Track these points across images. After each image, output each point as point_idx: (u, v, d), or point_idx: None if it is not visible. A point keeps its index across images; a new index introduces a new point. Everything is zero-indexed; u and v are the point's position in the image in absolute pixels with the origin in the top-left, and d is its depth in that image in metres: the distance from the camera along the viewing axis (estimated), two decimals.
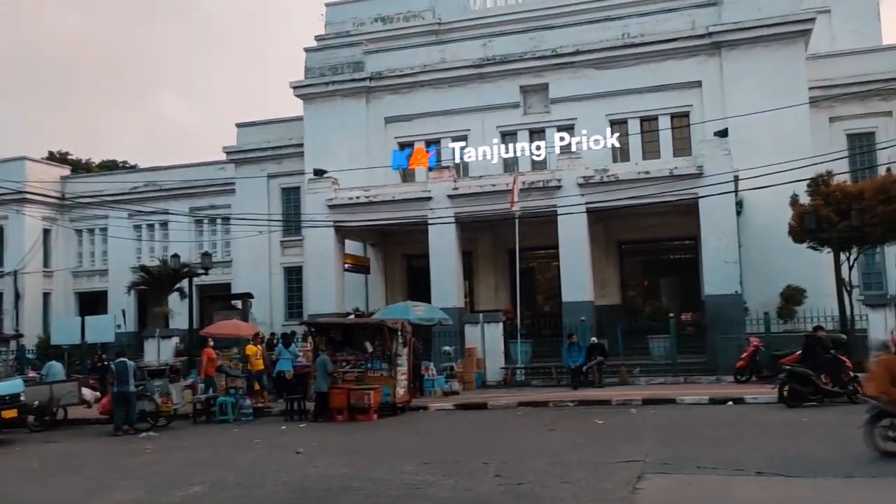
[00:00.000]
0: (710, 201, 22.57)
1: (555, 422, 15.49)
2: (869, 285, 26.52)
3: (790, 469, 9.80)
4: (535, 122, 28.96)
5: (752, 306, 23.25)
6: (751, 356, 20.01)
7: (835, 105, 27.50)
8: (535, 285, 30.24)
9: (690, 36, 27.08)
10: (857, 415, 14.39)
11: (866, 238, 21.20)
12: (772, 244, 23.91)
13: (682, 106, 27.48)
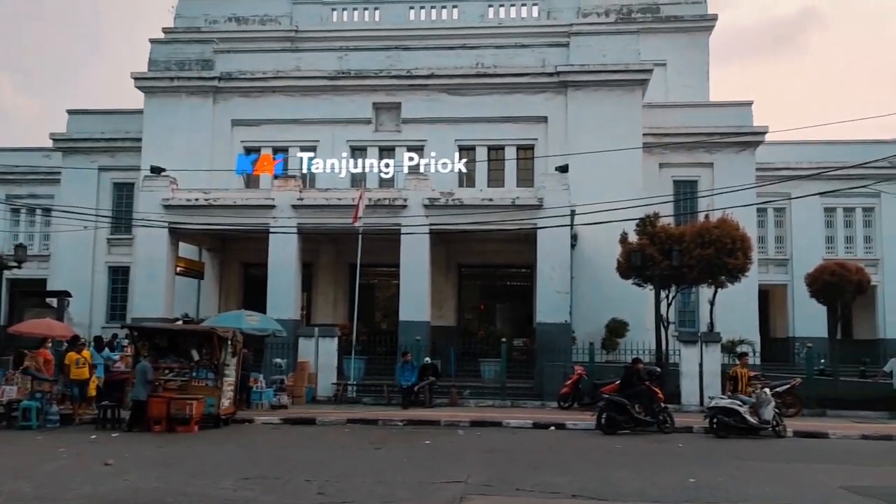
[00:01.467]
0: (547, 232, 23.48)
1: (382, 440, 15.40)
2: (684, 322, 28.46)
3: (603, 493, 10.22)
4: (386, 140, 29.07)
5: (580, 336, 24.28)
6: (575, 384, 20.86)
7: (665, 152, 29.48)
8: (374, 302, 30.19)
9: (540, 73, 28.18)
10: (665, 443, 15.42)
11: (684, 278, 22.70)
12: (601, 278, 25.15)
13: (529, 138, 28.49)
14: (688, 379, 20.99)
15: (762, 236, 33.74)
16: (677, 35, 34.34)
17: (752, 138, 29.55)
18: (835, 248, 34.66)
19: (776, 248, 35.06)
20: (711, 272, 22.28)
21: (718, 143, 29.41)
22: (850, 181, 31.35)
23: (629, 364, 18.11)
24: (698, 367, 20.96)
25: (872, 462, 13.58)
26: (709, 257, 21.79)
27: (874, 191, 32.20)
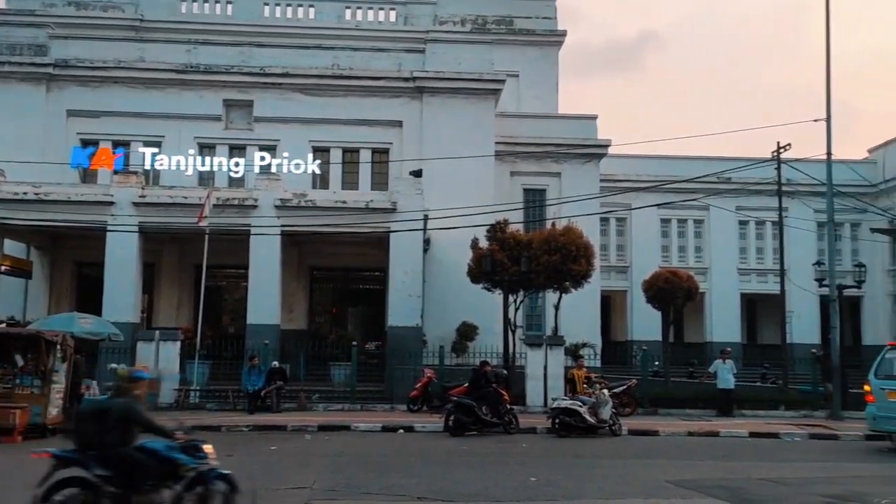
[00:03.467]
0: (400, 236, 23.57)
1: (227, 447, 14.84)
2: (531, 326, 29.36)
3: (448, 494, 10.31)
4: (237, 139, 28.23)
5: (431, 339, 24.50)
6: (424, 387, 21.03)
7: (516, 161, 30.33)
8: (221, 305, 29.26)
9: (396, 77, 28.28)
10: (510, 443, 15.80)
11: (531, 283, 23.40)
12: (453, 282, 25.49)
13: (384, 142, 28.51)
14: (533, 381, 21.65)
15: (605, 244, 35.45)
16: (529, 48, 35.49)
17: (596, 150, 30.95)
18: (670, 256, 36.93)
19: (617, 255, 36.94)
20: (557, 278, 23.09)
21: (566, 153, 30.61)
22: (684, 194, 33.48)
23: (477, 367, 18.44)
24: (543, 369, 21.67)
25: (697, 457, 14.51)
26: (555, 263, 22.57)
27: (704, 204, 34.63)
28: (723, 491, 10.77)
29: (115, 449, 7.45)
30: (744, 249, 37.84)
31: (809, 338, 33.28)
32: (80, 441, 7.53)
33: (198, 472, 7.77)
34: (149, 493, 7.54)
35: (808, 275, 28.60)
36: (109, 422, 7.49)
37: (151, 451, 7.66)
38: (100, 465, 7.37)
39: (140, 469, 7.49)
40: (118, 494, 7.38)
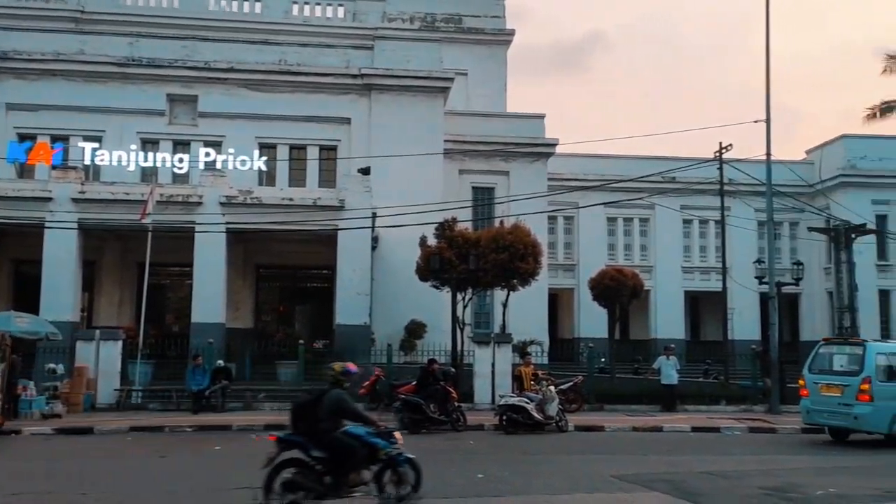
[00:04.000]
0: (348, 234, 23.44)
1: (168, 448, 14.61)
2: (479, 324, 29.48)
3: None
4: (181, 134, 27.73)
5: (379, 337, 24.43)
6: (372, 385, 20.87)
7: (465, 159, 30.45)
8: (165, 303, 28.74)
9: (344, 74, 28.10)
10: (458, 441, 15.83)
11: (479, 281, 23.49)
12: (401, 280, 25.43)
13: (332, 139, 28.31)
14: (481, 378, 21.72)
15: (552, 243, 35.74)
16: (478, 47, 35.61)
17: (544, 149, 31.22)
18: (616, 255, 37.46)
19: (565, 254, 37.32)
20: (505, 276, 23.22)
21: (514, 152, 30.82)
22: (630, 193, 34.01)
23: (425, 365, 18.43)
24: (491, 366, 21.73)
25: (641, 451, 14.74)
26: (503, 262, 22.69)
27: (650, 203, 35.22)
28: (665, 484, 10.96)
29: (328, 434, 8.65)
30: (688, 248, 38.55)
31: (750, 334, 34.12)
32: (297, 426, 8.77)
33: (390, 455, 8.91)
34: (354, 473, 8.75)
35: (749, 273, 29.28)
36: (323, 410, 8.69)
37: (356, 437, 8.81)
38: (316, 448, 8.60)
39: (349, 452, 8.66)
40: (333, 473, 8.60)
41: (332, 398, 8.81)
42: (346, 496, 8.73)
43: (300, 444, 8.67)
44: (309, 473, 8.64)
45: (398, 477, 8.97)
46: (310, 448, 8.66)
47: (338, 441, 8.68)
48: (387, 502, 8.86)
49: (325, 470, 8.64)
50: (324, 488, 8.58)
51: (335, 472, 8.66)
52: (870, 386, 15.50)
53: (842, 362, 16.57)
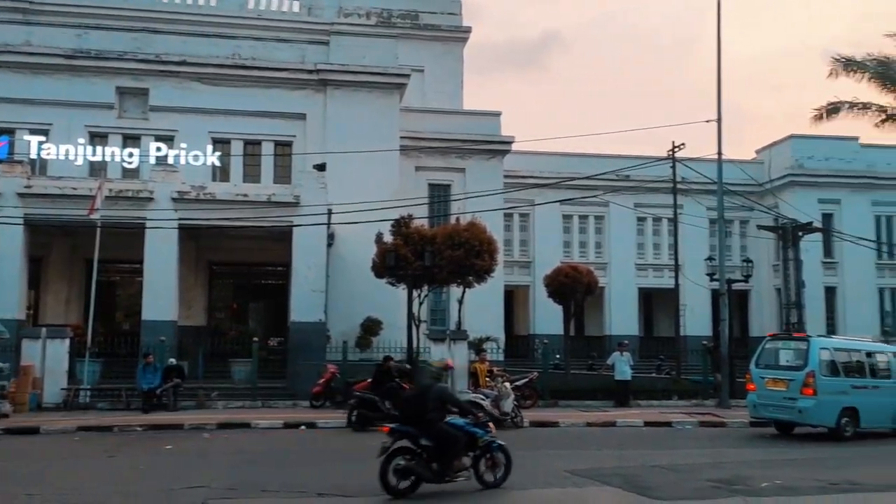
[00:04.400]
0: (303, 231, 23.24)
1: (118, 448, 14.34)
2: (435, 321, 29.48)
3: (350, 490, 10.24)
4: (131, 128, 27.13)
5: (335, 334, 24.28)
6: (327, 382, 20.80)
7: (421, 156, 30.39)
8: (115, 301, 28.19)
9: (300, 69, 27.80)
10: None
11: (435, 278, 23.48)
12: (357, 277, 25.28)
13: (287, 135, 27.97)
14: None
15: (509, 240, 35.94)
16: (434, 43, 35.54)
17: (500, 147, 31.32)
18: (571, 252, 37.79)
19: (521, 251, 37.54)
20: (461, 272, 23.25)
21: (470, 149, 30.86)
22: (585, 191, 34.38)
23: (381, 362, 18.39)
24: None
25: (595, 446, 14.92)
26: (459, 258, 22.71)
27: (604, 201, 35.62)
28: (618, 478, 11.11)
29: (434, 424, 9.74)
30: (641, 245, 39.08)
31: (702, 330, 34.74)
32: (405, 417, 9.88)
33: (486, 442, 10.15)
34: (457, 459, 9.93)
35: (701, 270, 29.82)
36: (429, 402, 9.84)
37: (458, 426, 9.99)
38: (424, 437, 9.64)
39: (453, 440, 9.82)
40: (439, 460, 9.70)
41: (436, 391, 10.09)
42: (451, 480, 9.83)
43: (410, 434, 9.68)
44: (419, 460, 9.69)
45: (493, 462, 10.19)
46: (420, 437, 9.67)
47: (443, 431, 9.78)
48: (485, 486, 10.08)
49: (431, 457, 9.68)
50: (432, 474, 9.69)
51: (441, 458, 9.74)
52: (813, 380, 15.91)
53: (787, 357, 16.96)
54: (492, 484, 10.16)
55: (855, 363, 16.95)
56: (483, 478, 10.18)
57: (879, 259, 38.42)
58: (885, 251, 38.69)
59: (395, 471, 9.63)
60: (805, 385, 15.97)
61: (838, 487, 10.83)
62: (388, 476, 9.60)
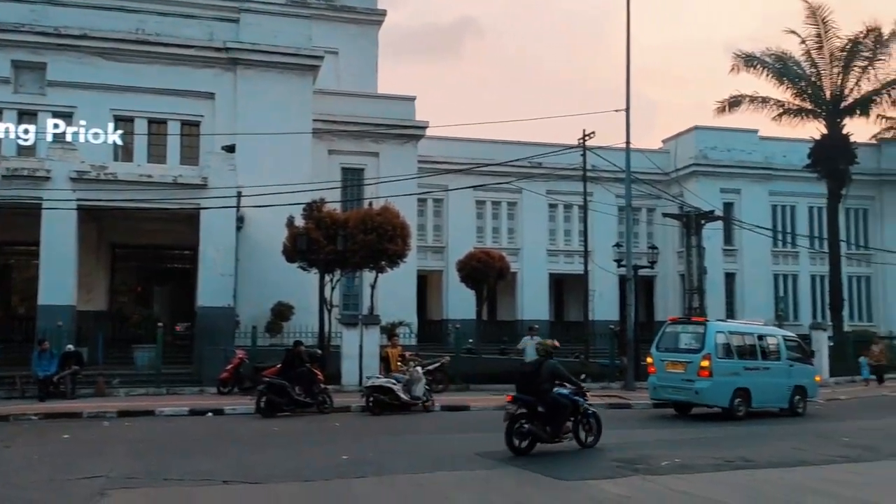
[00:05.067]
0: (212, 213, 22.62)
1: (12, 438, 13.67)
2: (348, 306, 29.29)
3: (256, 476, 10.05)
4: (27, 104, 25.83)
5: (245, 319, 23.83)
6: (235, 368, 20.38)
7: (334, 139, 30.03)
8: (10, 284, 26.89)
9: (208, 47, 27.01)
10: (323, 423, 15.69)
11: (348, 262, 23.28)
12: (267, 261, 24.84)
13: (194, 115, 27.16)
14: (349, 360, 21.58)
15: (422, 225, 35.98)
16: (349, 25, 35.13)
17: (414, 131, 31.26)
18: (484, 237, 38.09)
19: (434, 236, 37.61)
20: (374, 257, 23.12)
21: (385, 133, 30.68)
22: (498, 177, 34.70)
23: (291, 347, 18.12)
24: (359, 348, 21.64)
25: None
26: (371, 243, 22.57)
27: (517, 187, 36.03)
28: (526, 460, 11.28)
29: (548, 394, 11.88)
30: (553, 232, 39.72)
31: (610, 314, 35.62)
32: (521, 388, 12.04)
33: (585, 409, 12.45)
34: (565, 423, 12.03)
35: (610, 256, 30.53)
36: (543, 375, 11.99)
37: (565, 396, 12.11)
38: (540, 405, 11.69)
39: (563, 407, 11.95)
40: (551, 423, 11.76)
41: (549, 367, 12.17)
42: (559, 441, 12.01)
43: (530, 402, 11.73)
44: (537, 424, 11.69)
45: (588, 426, 12.47)
46: (537, 405, 11.71)
47: (555, 399, 11.91)
48: (582, 446, 12.36)
49: (545, 421, 11.74)
50: (546, 435, 11.77)
51: (552, 422, 11.79)
52: (710, 363, 16.52)
53: (685, 341, 17.57)
54: (587, 444, 12.39)
55: (748, 346, 17.67)
56: (581, 439, 12.37)
57: (775, 247, 40.22)
58: (780, 239, 40.53)
59: (518, 432, 11.67)
60: (701, 367, 16.57)
61: (733, 464, 11.29)
62: (512, 438, 11.63)
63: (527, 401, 11.73)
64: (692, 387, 16.73)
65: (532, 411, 11.72)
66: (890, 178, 41.41)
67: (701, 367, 16.57)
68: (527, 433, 11.72)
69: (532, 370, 12.35)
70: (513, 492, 9.29)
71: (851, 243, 40.49)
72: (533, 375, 12.14)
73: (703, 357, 16.62)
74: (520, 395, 11.85)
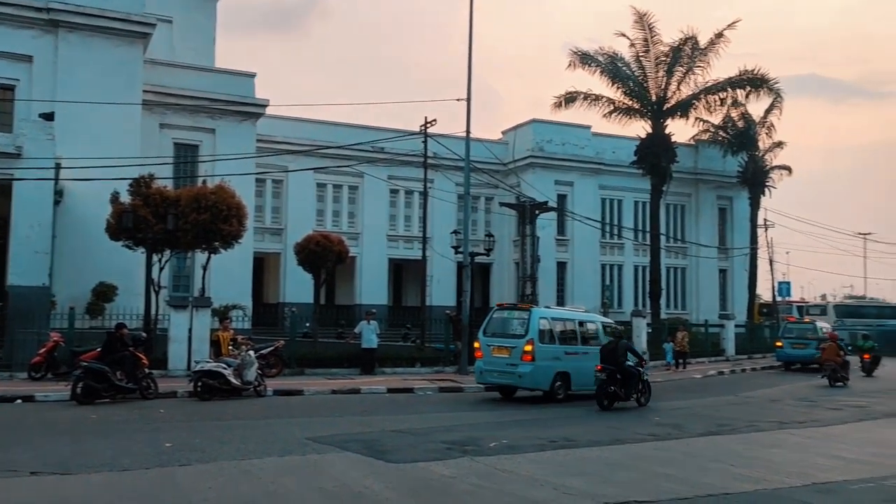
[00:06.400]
0: (26, 185, 20.97)
1: None
2: (178, 287, 28.08)
3: (68, 466, 9.44)
4: None
5: (62, 300, 22.25)
6: (49, 352, 18.99)
7: (167, 113, 28.60)
8: None
9: (26, 6, 24.91)
10: (147, 409, 14.98)
11: (179, 242, 22.29)
12: (90, 239, 23.35)
13: (8, 78, 25.04)
14: (177, 344, 20.70)
15: (260, 206, 35.07)
16: None
17: (254, 109, 30.34)
18: (324, 221, 37.64)
19: (273, 217, 36.75)
20: (207, 237, 22.26)
21: (222, 109, 29.57)
22: (340, 160, 34.38)
23: (112, 330, 17.13)
24: (188, 332, 20.80)
25: (338, 413, 15.04)
26: (204, 222, 21.72)
27: (359, 171, 35.88)
28: (358, 444, 11.28)
29: (623, 366, 16.60)
30: (394, 217, 39.88)
31: (447, 300, 36.33)
32: (605, 360, 16.60)
33: (644, 378, 17.32)
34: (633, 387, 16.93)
35: (448, 243, 31.06)
36: (620, 351, 16.75)
37: (633, 366, 16.95)
38: (619, 373, 16.51)
39: (633, 375, 16.89)
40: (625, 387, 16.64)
41: (623, 345, 17.22)
42: (628, 400, 16.82)
43: (612, 371, 16.39)
44: (618, 387, 16.45)
45: (645, 391, 17.32)
46: (617, 373, 16.44)
47: (629, 370, 16.78)
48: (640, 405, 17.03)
49: (620, 385, 16.53)
50: (623, 395, 16.59)
51: (626, 386, 16.71)
52: (532, 347, 17.21)
53: (511, 326, 18.20)
54: (643, 404, 17.09)
55: (569, 332, 18.56)
56: (640, 400, 17.13)
57: (603, 238, 42.46)
58: (608, 231, 42.83)
59: (605, 394, 16.33)
60: (525, 352, 17.23)
61: (556, 444, 11.82)
62: (602, 397, 16.34)
63: (610, 370, 16.35)
64: (516, 371, 17.34)
65: (612, 377, 16.34)
66: (705, 177, 44.77)
67: (524, 352, 17.22)
68: (612, 394, 16.34)
69: (612, 347, 16.80)
70: (341, 475, 9.25)
71: (670, 237, 43.45)
72: (613, 351, 16.65)
73: (527, 342, 17.26)
74: (605, 365, 16.36)
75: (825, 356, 24.85)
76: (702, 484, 9.23)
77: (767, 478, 9.67)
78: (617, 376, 16.36)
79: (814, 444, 12.70)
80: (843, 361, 24.71)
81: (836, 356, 24.50)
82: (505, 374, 17.64)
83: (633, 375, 16.76)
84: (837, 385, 23.93)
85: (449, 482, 9.04)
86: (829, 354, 24.68)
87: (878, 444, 12.81)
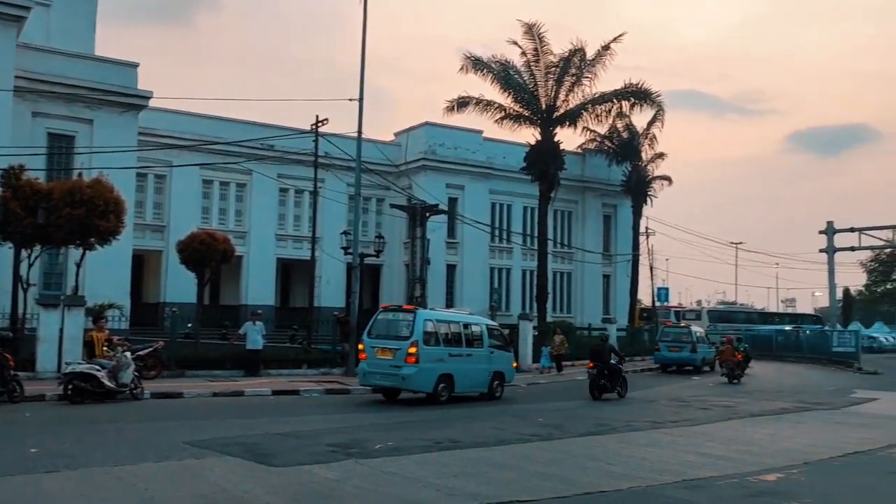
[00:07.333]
0: None
1: None
2: (49, 285, 26.63)
3: None
4: None
5: None
6: None
7: (40, 101, 27.11)
8: None
9: None
10: (12, 413, 14.11)
11: (51, 238, 21.12)
12: None
13: None
14: (46, 344, 19.56)
15: (141, 201, 33.69)
16: None
17: (136, 101, 29.13)
18: (210, 218, 36.51)
19: (154, 214, 35.38)
20: (82, 233, 21.14)
21: (101, 100, 28.25)
22: (228, 157, 33.49)
23: None
24: (59, 332, 19.70)
25: (220, 416, 14.60)
26: (80, 217, 20.62)
27: (247, 169, 35.05)
28: (239, 447, 10.98)
29: (609, 365, 20.33)
30: (283, 216, 39.13)
31: (337, 301, 35.91)
32: (594, 358, 20.42)
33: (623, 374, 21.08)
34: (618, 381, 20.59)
35: (338, 243, 30.74)
36: (607, 351, 20.67)
37: (617, 364, 20.74)
38: (606, 370, 20.21)
39: (619, 372, 20.71)
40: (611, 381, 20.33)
41: (609, 346, 21.27)
42: (612, 392, 20.17)
43: (601, 368, 20.08)
44: (606, 381, 20.02)
45: (623, 385, 20.73)
46: (605, 370, 20.01)
47: (614, 367, 20.35)
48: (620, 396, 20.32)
49: (608, 379, 20.11)
50: (609, 388, 20.06)
51: (612, 381, 20.22)
52: (417, 349, 17.25)
53: (396, 328, 18.17)
54: (622, 396, 20.44)
55: (453, 334, 18.68)
56: (619, 392, 20.42)
57: (493, 242, 43.10)
58: (497, 235, 43.51)
59: (598, 386, 19.99)
60: (409, 354, 17.24)
61: (441, 445, 11.87)
62: (594, 389, 19.98)
63: (599, 366, 20.04)
64: (399, 373, 17.31)
65: (601, 373, 20.04)
66: (591, 185, 46.19)
67: (408, 354, 17.22)
68: (602, 387, 19.98)
69: (600, 348, 20.65)
70: (221, 480, 8.96)
71: (558, 242, 44.57)
72: (601, 351, 20.43)
73: (411, 344, 17.27)
74: (597, 363, 20.11)
75: (723, 356, 28.31)
76: (581, 482, 9.48)
77: (642, 475, 10.04)
78: (605, 372, 20.01)
79: (685, 442, 13.28)
80: (738, 361, 27.81)
81: (732, 356, 27.63)
82: (389, 375, 17.58)
83: (618, 371, 20.46)
84: (734, 382, 26.86)
85: (333, 485, 8.92)
86: (726, 355, 28.03)
87: (743, 442, 13.53)
